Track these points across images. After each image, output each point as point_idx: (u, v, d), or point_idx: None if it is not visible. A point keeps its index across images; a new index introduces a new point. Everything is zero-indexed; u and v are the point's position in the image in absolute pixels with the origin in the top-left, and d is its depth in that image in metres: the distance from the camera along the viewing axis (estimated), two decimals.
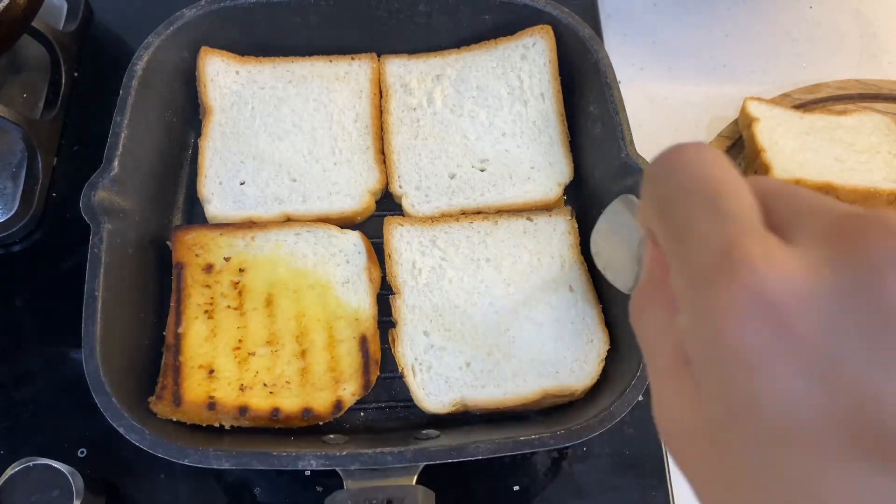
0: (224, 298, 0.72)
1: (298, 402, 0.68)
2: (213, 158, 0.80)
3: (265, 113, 0.82)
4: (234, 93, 0.83)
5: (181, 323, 0.70)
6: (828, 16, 1.01)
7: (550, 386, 0.68)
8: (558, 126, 0.81)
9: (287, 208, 0.78)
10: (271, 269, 0.74)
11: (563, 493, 0.71)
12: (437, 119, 0.82)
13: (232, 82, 0.83)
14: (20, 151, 0.83)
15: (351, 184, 0.79)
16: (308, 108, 0.83)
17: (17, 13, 0.75)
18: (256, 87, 0.84)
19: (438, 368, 0.69)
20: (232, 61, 0.84)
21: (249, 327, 0.71)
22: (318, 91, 0.84)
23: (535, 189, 0.79)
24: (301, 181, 0.79)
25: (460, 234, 0.76)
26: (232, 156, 0.80)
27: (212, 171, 0.79)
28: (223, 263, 0.74)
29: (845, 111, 0.86)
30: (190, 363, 0.68)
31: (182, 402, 0.66)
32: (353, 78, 0.85)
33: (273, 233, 0.76)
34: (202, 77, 0.82)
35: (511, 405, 0.68)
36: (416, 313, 0.71)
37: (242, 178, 0.79)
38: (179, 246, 0.74)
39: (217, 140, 0.81)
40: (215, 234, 0.75)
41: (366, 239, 0.76)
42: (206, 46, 0.82)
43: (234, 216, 0.78)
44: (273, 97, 0.83)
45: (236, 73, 0.84)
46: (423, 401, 0.68)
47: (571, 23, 0.80)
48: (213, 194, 0.78)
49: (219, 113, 0.82)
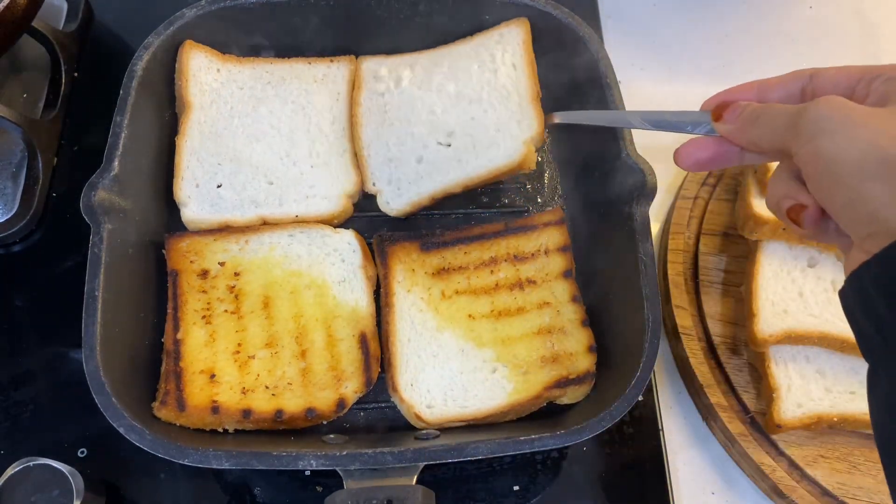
0: (221, 303, 0.72)
1: (301, 403, 0.67)
2: (190, 159, 0.79)
3: (243, 113, 0.82)
4: (213, 91, 0.82)
5: (179, 329, 0.70)
6: (828, 16, 1.01)
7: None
8: (529, 88, 0.80)
9: (263, 212, 0.78)
10: (267, 271, 0.74)
11: (563, 493, 0.71)
12: (403, 98, 0.82)
13: (212, 80, 0.82)
14: (20, 151, 0.83)
15: (328, 187, 0.79)
16: (286, 109, 0.83)
17: (17, 13, 0.75)
18: (235, 86, 0.83)
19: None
20: (214, 58, 0.83)
21: (248, 330, 0.71)
22: (297, 93, 0.84)
23: (500, 154, 0.78)
24: (278, 184, 0.79)
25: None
26: (209, 157, 0.79)
27: (188, 173, 0.78)
28: (218, 268, 0.74)
29: None
30: (191, 368, 0.68)
31: (186, 407, 0.65)
32: (331, 80, 0.85)
33: (267, 235, 0.76)
34: (184, 71, 0.80)
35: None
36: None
37: (219, 180, 0.78)
38: (174, 253, 0.74)
39: (195, 139, 0.80)
40: (209, 240, 0.75)
41: (360, 237, 0.76)
42: (190, 41, 0.81)
43: (211, 220, 0.77)
44: (252, 97, 0.83)
45: (217, 70, 0.83)
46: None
47: (571, 23, 0.80)
48: (189, 197, 0.77)
49: (198, 110, 0.81)
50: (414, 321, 0.72)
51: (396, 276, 0.74)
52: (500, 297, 0.74)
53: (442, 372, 0.70)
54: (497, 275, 0.75)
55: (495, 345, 0.72)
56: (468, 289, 0.74)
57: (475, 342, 0.72)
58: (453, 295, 0.74)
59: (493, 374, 0.70)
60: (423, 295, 0.74)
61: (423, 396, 0.69)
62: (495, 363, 0.71)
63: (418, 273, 0.75)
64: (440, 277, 0.75)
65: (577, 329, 0.72)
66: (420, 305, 0.73)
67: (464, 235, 0.77)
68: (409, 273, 0.75)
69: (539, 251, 0.76)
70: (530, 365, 0.70)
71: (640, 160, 0.71)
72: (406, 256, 0.75)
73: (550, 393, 0.69)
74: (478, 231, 0.77)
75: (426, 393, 0.69)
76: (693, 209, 0.84)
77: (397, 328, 0.72)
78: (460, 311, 0.73)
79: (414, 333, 0.72)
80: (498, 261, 0.76)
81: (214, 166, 0.79)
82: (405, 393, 0.69)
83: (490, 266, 0.76)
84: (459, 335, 0.72)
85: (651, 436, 0.73)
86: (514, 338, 0.72)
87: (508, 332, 0.72)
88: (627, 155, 0.72)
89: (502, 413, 0.68)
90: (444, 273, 0.75)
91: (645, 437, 0.73)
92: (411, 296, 0.74)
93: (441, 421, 0.68)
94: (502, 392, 0.69)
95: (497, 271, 0.75)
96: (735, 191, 0.85)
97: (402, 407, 0.69)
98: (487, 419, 0.68)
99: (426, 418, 0.68)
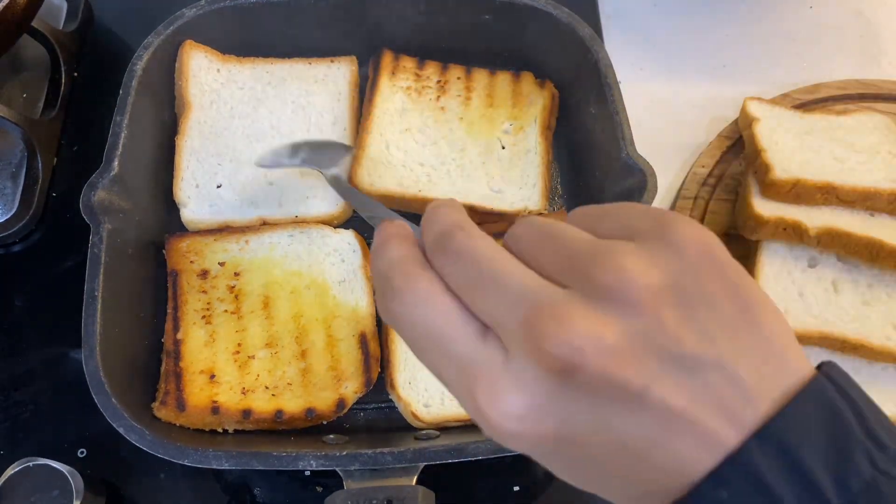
0: (221, 303, 0.72)
1: (301, 403, 0.67)
2: (189, 159, 0.78)
3: (243, 114, 0.82)
4: (213, 91, 0.82)
5: (179, 329, 0.70)
6: (828, 16, 1.01)
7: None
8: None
9: (264, 213, 0.77)
10: (267, 271, 0.74)
11: (563, 494, 0.71)
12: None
13: (212, 80, 0.82)
14: (20, 151, 0.83)
15: (327, 188, 0.78)
16: (286, 110, 0.82)
17: (17, 13, 0.75)
18: (236, 86, 0.83)
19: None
20: (214, 58, 0.83)
21: (248, 331, 0.71)
22: (297, 93, 0.83)
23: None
24: (278, 185, 0.79)
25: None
26: (209, 157, 0.79)
27: (188, 173, 0.78)
28: (218, 268, 0.74)
29: (845, 111, 0.86)
30: (191, 369, 0.68)
31: (186, 407, 0.65)
32: (331, 80, 0.85)
33: (267, 235, 0.75)
34: (184, 71, 0.80)
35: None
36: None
37: (219, 180, 0.78)
38: (174, 253, 0.74)
39: (195, 139, 0.79)
40: (209, 240, 0.75)
41: (360, 237, 0.76)
42: (191, 41, 0.81)
43: (210, 221, 0.77)
44: (252, 98, 0.82)
45: (217, 70, 0.83)
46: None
47: (571, 23, 0.80)
48: (189, 197, 0.77)
49: (198, 110, 0.80)
50: None
51: None
52: None
53: None
54: None
55: None
56: None
57: None
58: None
59: None
60: None
61: (420, 395, 0.69)
62: None
63: None
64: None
65: None
66: None
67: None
68: None
69: None
70: None
71: (640, 160, 0.71)
72: None
73: None
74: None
75: (423, 392, 0.69)
76: (693, 209, 0.84)
77: None
78: None
79: None
80: None
81: (214, 166, 0.79)
82: (403, 391, 0.69)
83: None
84: None
85: None
86: None
87: None
88: (627, 155, 0.71)
89: None
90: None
91: None
92: None
93: (438, 420, 0.68)
94: None
95: None
96: (735, 191, 0.85)
97: (400, 405, 0.69)
98: None
99: (423, 417, 0.68)
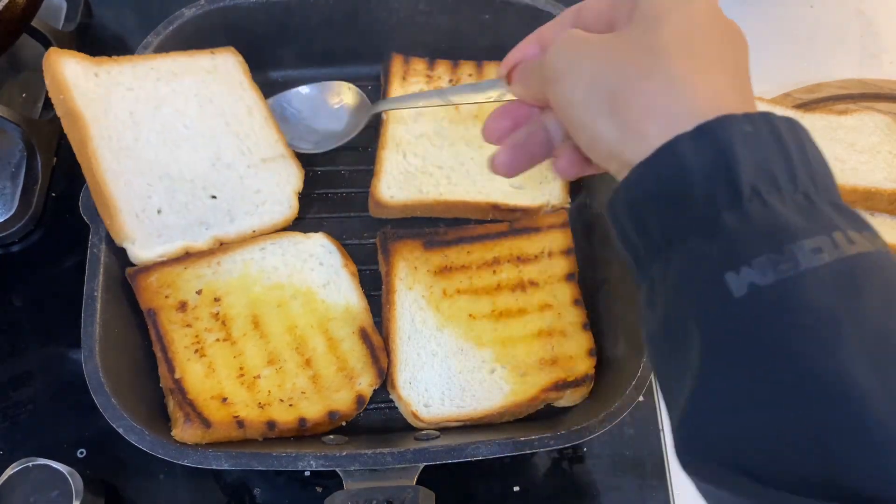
0: (209, 333, 0.69)
1: (321, 408, 0.66)
2: (116, 185, 0.68)
3: (146, 117, 0.73)
4: (101, 98, 0.71)
5: (175, 369, 0.66)
6: (828, 15, 1.01)
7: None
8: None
9: (217, 232, 0.72)
10: (247, 289, 0.71)
11: (563, 494, 0.71)
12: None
13: (94, 86, 0.71)
14: (20, 151, 0.83)
15: (274, 187, 0.74)
16: (191, 105, 0.75)
17: (17, 12, 0.75)
18: (123, 88, 0.73)
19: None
20: (87, 62, 0.72)
21: (245, 354, 0.68)
22: (196, 86, 0.75)
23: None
24: (222, 197, 0.73)
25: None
26: (135, 178, 0.70)
27: (123, 203, 0.68)
28: (196, 297, 0.70)
29: (846, 111, 0.86)
30: (200, 398, 0.65)
31: (211, 424, 0.62)
32: (222, 70, 0.78)
33: (238, 253, 0.72)
34: (61, 82, 0.69)
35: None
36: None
37: (157, 205, 0.70)
38: (145, 292, 0.69)
39: (109, 160, 0.69)
40: (179, 269, 0.70)
41: (332, 238, 0.75)
42: (54, 48, 0.71)
43: (164, 252, 0.70)
44: (148, 97, 0.74)
45: (95, 75, 0.72)
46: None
47: None
48: (133, 231, 0.68)
49: (94, 124, 0.70)
50: (414, 319, 0.72)
51: (399, 272, 0.74)
52: (502, 297, 0.74)
53: (440, 371, 0.70)
54: (499, 275, 0.75)
55: (495, 345, 0.71)
56: (470, 288, 0.74)
57: (475, 342, 0.71)
58: (455, 294, 0.74)
59: (491, 375, 0.70)
60: (425, 293, 0.74)
61: (420, 395, 0.69)
62: (494, 364, 0.70)
63: (420, 271, 0.75)
64: (442, 276, 0.75)
65: (578, 332, 0.72)
66: (421, 303, 0.73)
67: (467, 235, 0.77)
68: (412, 270, 0.74)
69: (542, 253, 0.76)
70: (529, 367, 0.70)
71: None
72: (409, 254, 0.75)
73: (548, 395, 0.69)
74: (481, 231, 0.77)
75: (424, 391, 0.69)
76: None
77: (398, 325, 0.71)
78: (461, 311, 0.73)
79: (414, 331, 0.72)
80: (500, 261, 0.76)
81: (146, 188, 0.70)
82: (403, 391, 0.69)
83: (492, 266, 0.75)
84: (459, 334, 0.72)
85: (651, 436, 0.73)
86: (514, 339, 0.72)
87: (508, 333, 0.72)
88: None
89: (499, 414, 0.68)
90: (446, 272, 0.75)
91: (645, 437, 0.73)
92: (413, 293, 0.73)
93: (437, 420, 0.68)
94: (499, 393, 0.69)
95: (499, 272, 0.75)
96: None
97: (400, 405, 0.69)
98: (484, 420, 0.68)
99: (423, 417, 0.67)
